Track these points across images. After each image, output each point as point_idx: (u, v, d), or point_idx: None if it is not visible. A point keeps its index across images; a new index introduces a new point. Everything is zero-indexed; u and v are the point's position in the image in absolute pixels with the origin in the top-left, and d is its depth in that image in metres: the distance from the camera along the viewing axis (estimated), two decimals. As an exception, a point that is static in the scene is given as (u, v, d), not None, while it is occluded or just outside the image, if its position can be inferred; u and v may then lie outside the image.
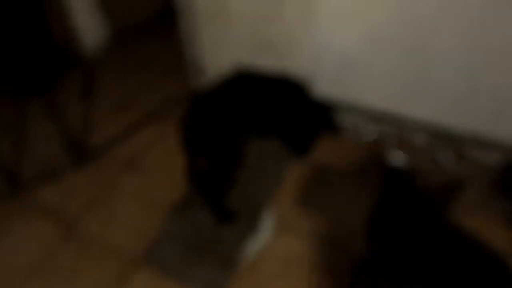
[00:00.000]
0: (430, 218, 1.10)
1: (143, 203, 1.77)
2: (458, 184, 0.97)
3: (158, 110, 2.23)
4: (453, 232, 1.09)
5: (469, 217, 1.65)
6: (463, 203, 1.70)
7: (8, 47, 2.21)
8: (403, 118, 1.80)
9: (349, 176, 1.82)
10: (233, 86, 1.69)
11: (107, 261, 1.56)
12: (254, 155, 1.88)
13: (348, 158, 1.93)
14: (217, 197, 1.62)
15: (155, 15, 2.90)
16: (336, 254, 1.53)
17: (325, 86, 1.84)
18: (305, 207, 1.71)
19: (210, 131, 1.49)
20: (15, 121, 2.17)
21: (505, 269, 0.98)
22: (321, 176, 1.84)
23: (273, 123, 1.81)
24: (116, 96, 2.32)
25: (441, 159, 1.87)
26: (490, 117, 1.60)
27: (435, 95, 1.63)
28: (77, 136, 2.02)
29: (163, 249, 1.58)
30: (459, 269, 0.96)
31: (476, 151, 1.87)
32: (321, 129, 1.97)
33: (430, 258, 0.99)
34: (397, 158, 1.38)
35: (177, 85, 2.39)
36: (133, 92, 2.36)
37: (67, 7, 2.28)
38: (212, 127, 1.49)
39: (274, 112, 1.75)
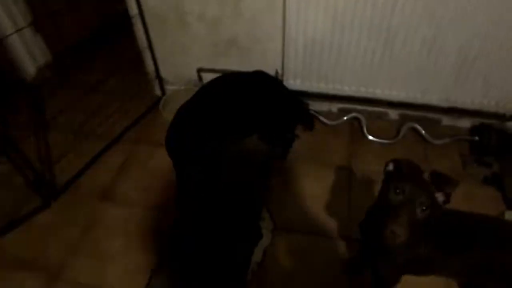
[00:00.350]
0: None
1: (128, 237, 1.63)
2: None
3: (122, 131, 2.08)
4: None
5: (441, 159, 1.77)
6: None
7: None
8: (375, 97, 1.84)
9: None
10: (211, 91, 1.62)
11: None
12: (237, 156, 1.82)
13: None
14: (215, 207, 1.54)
15: (101, 29, 2.71)
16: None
17: (296, 78, 1.82)
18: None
19: (197, 138, 1.41)
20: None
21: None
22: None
23: (254, 121, 1.75)
24: (72, 122, 2.13)
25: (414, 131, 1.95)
26: (456, 84, 1.68)
27: (402, 69, 1.69)
28: (40, 172, 1.83)
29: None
30: None
31: (446, 120, 1.97)
32: (297, 120, 1.96)
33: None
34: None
35: (137, 100, 2.25)
36: (90, 115, 2.18)
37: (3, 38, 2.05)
38: (198, 133, 1.42)
39: (253, 109, 1.69)
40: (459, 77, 1.62)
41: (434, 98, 1.73)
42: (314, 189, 1.77)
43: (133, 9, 1.86)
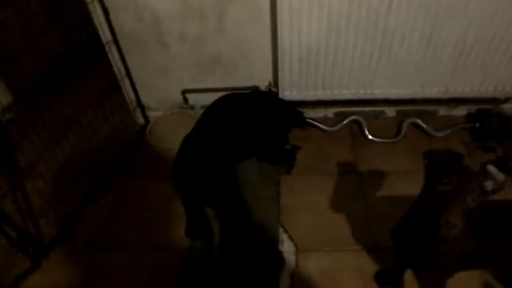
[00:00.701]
0: None
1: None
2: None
3: (108, 168, 1.90)
4: None
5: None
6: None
7: None
8: (374, 98, 1.79)
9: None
10: (212, 116, 1.51)
11: None
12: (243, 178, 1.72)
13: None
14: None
15: (68, 58, 2.48)
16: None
17: (292, 89, 1.74)
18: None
19: (204, 168, 1.30)
20: None
21: None
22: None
23: (252, 143, 1.67)
24: (51, 165, 1.92)
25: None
26: (454, 74, 1.66)
27: (400, 67, 1.65)
28: (23, 229, 1.62)
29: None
30: None
31: (442, 110, 1.96)
32: (290, 125, 1.88)
33: None
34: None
35: (119, 132, 2.08)
36: (70, 154, 1.98)
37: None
38: (205, 163, 1.31)
39: (251, 131, 1.62)
40: (457, 67, 1.60)
41: (433, 91, 1.70)
42: (325, 201, 1.68)
43: (107, 36, 1.71)
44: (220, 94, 1.96)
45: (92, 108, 2.17)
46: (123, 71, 1.85)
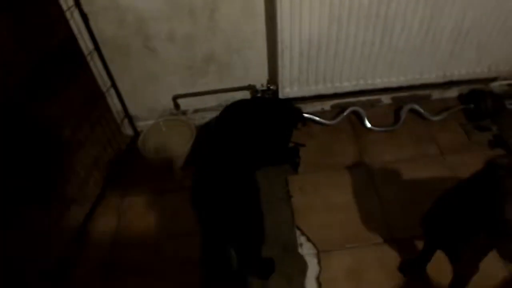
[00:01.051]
0: None
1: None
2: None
3: (102, 188, 1.76)
4: None
5: (456, 154, 1.77)
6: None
7: None
8: (374, 87, 1.77)
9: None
10: (223, 127, 1.42)
11: None
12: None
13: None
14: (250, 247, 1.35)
15: (39, 72, 2.23)
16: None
17: (292, 85, 1.68)
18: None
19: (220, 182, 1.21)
20: None
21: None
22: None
23: (265, 146, 1.60)
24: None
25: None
26: (452, 57, 1.67)
27: (401, 54, 1.64)
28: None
29: None
30: None
31: (436, 93, 1.98)
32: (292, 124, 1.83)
33: None
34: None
35: (108, 147, 1.91)
36: (58, 176, 1.81)
37: None
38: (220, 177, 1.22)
39: (262, 136, 1.55)
40: (454, 50, 1.61)
41: (432, 76, 1.71)
42: (337, 197, 1.65)
43: (88, 45, 1.55)
44: (214, 96, 1.87)
45: (71, 126, 1.98)
46: (108, 83, 1.70)
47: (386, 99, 1.99)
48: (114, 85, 1.72)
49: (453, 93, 2.00)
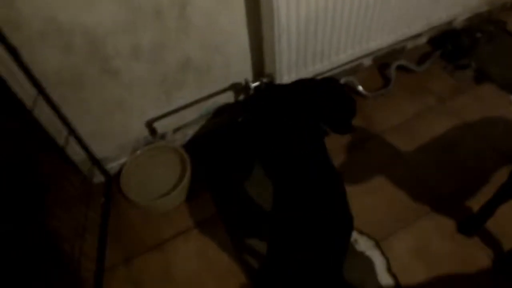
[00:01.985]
0: None
1: None
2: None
3: (98, 254, 1.38)
4: None
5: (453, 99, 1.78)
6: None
7: None
8: (368, 52, 1.65)
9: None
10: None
11: None
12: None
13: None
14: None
15: None
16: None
17: (290, 71, 1.48)
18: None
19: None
20: None
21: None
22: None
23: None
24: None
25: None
26: (432, 4, 1.61)
27: (393, 12, 1.53)
28: None
29: None
30: None
31: (409, 44, 1.94)
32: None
33: None
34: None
35: (80, 204, 1.50)
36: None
37: None
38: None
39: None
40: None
41: (418, 27, 1.64)
42: (367, 177, 1.53)
43: (29, 92, 1.12)
44: (194, 108, 1.57)
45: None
46: (64, 131, 1.28)
47: (367, 61, 1.90)
48: (72, 131, 1.31)
49: (423, 40, 1.99)
